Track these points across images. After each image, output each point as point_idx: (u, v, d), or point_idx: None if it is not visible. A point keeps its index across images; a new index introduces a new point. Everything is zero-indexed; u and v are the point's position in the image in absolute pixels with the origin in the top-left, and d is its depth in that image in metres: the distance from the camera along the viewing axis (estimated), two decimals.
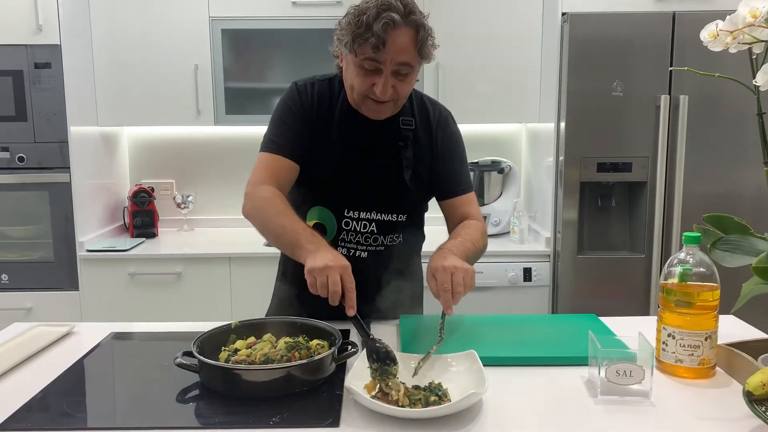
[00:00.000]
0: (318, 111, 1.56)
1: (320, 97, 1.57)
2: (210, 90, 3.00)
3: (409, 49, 1.40)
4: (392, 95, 1.45)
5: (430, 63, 1.52)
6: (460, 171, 1.65)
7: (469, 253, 1.50)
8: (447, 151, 1.62)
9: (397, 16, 1.37)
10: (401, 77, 1.44)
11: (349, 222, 1.58)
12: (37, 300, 2.84)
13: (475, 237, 1.56)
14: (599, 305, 2.69)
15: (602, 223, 2.82)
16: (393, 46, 1.38)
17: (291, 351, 1.23)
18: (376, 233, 1.59)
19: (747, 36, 1.08)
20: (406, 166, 1.56)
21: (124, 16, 2.96)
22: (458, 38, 2.98)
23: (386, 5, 1.38)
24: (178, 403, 1.16)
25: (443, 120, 1.63)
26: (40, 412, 1.12)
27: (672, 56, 2.60)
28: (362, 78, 1.44)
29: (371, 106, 1.49)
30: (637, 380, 1.13)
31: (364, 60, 1.41)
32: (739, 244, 1.20)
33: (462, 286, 1.33)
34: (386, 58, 1.40)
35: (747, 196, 2.66)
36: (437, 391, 1.10)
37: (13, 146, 2.77)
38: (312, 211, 1.60)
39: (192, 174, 3.41)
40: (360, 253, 1.60)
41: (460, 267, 1.35)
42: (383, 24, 1.36)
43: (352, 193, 1.56)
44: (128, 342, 1.53)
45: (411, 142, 1.57)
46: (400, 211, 1.60)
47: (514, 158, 3.35)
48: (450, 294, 1.33)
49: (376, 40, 1.37)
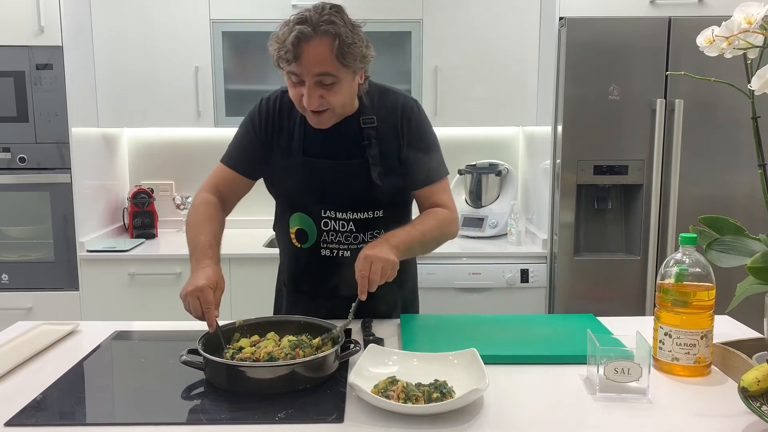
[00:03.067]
0: (279, 123, 1.61)
1: (281, 108, 1.61)
2: (210, 92, 3.02)
3: (325, 59, 1.40)
4: (323, 104, 1.46)
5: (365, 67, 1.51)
6: (430, 159, 1.63)
7: (414, 243, 1.50)
8: (414, 140, 1.60)
9: (308, 28, 1.38)
10: (327, 87, 1.44)
11: (327, 222, 1.61)
12: (38, 300, 2.85)
13: (429, 226, 1.55)
14: (596, 306, 2.71)
15: (599, 225, 2.85)
16: (307, 58, 1.40)
17: (294, 349, 1.25)
18: (356, 231, 1.61)
19: (742, 41, 1.11)
20: (372, 164, 1.56)
21: (126, 18, 2.98)
22: (456, 42, 3.01)
23: (301, 19, 1.41)
24: (184, 400, 1.18)
25: (407, 110, 1.61)
26: (47, 409, 1.14)
27: (668, 61, 2.63)
28: (293, 90, 1.48)
29: (311, 116, 1.50)
30: (634, 378, 1.15)
31: (289, 74, 1.45)
32: (733, 245, 1.23)
33: (378, 275, 1.35)
34: (303, 71, 1.41)
35: (741, 198, 2.69)
36: (442, 388, 1.12)
37: (15, 147, 2.78)
38: (293, 219, 1.64)
39: (191, 175, 3.42)
40: (343, 252, 1.63)
41: (382, 257, 1.36)
42: (294, 37, 1.38)
43: (325, 196, 1.59)
44: (131, 340, 1.55)
45: (375, 140, 1.58)
46: (376, 207, 1.61)
47: (512, 161, 3.37)
48: (366, 281, 1.35)
49: (288, 54, 1.39)
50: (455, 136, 3.33)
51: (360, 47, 1.44)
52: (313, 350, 1.27)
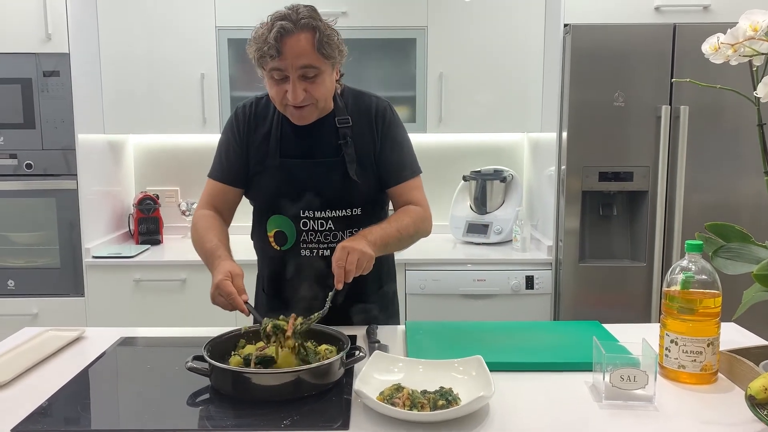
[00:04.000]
0: (255, 128, 1.65)
1: (256, 114, 1.66)
2: (216, 99, 3.03)
3: (307, 52, 1.46)
4: (307, 98, 1.50)
5: (341, 60, 1.55)
6: (402, 158, 1.67)
7: (390, 239, 1.54)
8: (388, 140, 1.65)
9: (289, 23, 1.45)
10: (310, 80, 1.49)
11: (306, 222, 1.63)
12: (43, 306, 2.86)
13: (405, 223, 1.59)
14: (601, 313, 2.70)
15: (604, 231, 2.84)
16: (290, 51, 1.44)
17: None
18: (335, 230, 1.64)
19: (747, 49, 1.11)
20: (349, 162, 1.60)
21: (132, 25, 3.00)
22: (461, 49, 3.02)
23: (279, 16, 1.47)
24: (189, 407, 1.18)
25: (381, 112, 1.65)
26: (53, 416, 1.14)
27: (673, 67, 2.63)
28: (275, 88, 1.51)
29: (293, 112, 1.54)
30: (640, 385, 1.15)
31: (271, 71, 1.48)
32: (740, 252, 1.22)
33: (353, 266, 1.39)
34: (287, 65, 1.46)
35: (747, 205, 2.68)
36: (448, 396, 1.12)
37: (21, 153, 2.80)
38: (271, 221, 1.67)
39: (197, 182, 3.42)
40: (323, 251, 1.64)
41: (359, 249, 1.41)
42: (275, 32, 1.43)
43: (302, 195, 1.61)
44: (137, 347, 1.55)
45: (350, 139, 1.61)
46: (353, 205, 1.64)
47: (517, 167, 3.37)
48: (342, 270, 1.39)
49: (271, 50, 1.44)
50: (460, 143, 3.34)
51: (337, 40, 1.51)
52: (314, 354, 1.27)
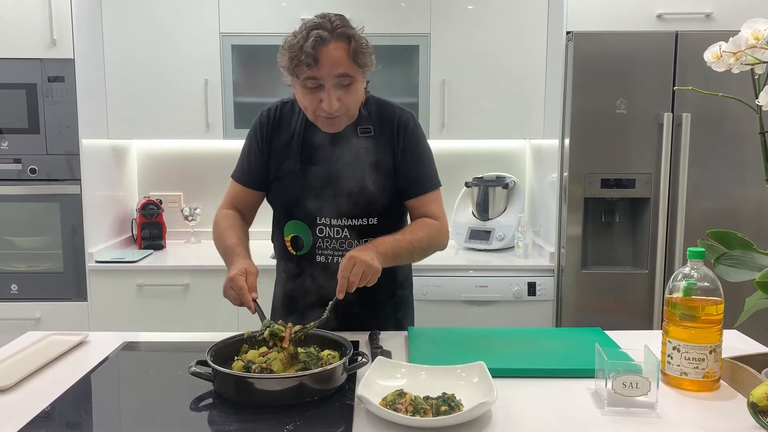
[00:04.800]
0: (279, 131, 1.66)
1: (281, 118, 1.67)
2: (219, 104, 3.05)
3: (343, 61, 1.46)
4: (341, 107, 1.51)
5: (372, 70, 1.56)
6: (423, 170, 1.67)
7: (401, 251, 1.54)
8: (408, 153, 1.64)
9: (325, 32, 1.45)
10: (344, 89, 1.50)
11: (322, 229, 1.64)
12: (46, 310, 2.86)
13: (418, 236, 1.59)
14: (603, 320, 2.70)
15: (606, 238, 2.84)
16: (327, 60, 1.45)
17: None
18: (350, 238, 1.64)
19: (749, 57, 1.12)
20: (368, 172, 1.60)
21: (136, 31, 3.01)
22: (464, 55, 3.03)
23: (314, 25, 1.46)
24: (192, 411, 1.18)
25: (403, 123, 1.65)
26: (56, 420, 1.14)
27: (675, 75, 2.63)
28: (309, 97, 1.51)
29: (325, 121, 1.55)
30: (643, 392, 1.15)
31: (306, 80, 1.48)
32: (742, 260, 1.23)
33: (357, 278, 1.40)
34: (323, 74, 1.46)
35: (749, 213, 2.68)
36: (450, 402, 1.12)
37: (26, 158, 2.81)
38: (288, 226, 1.68)
39: (200, 187, 3.44)
40: (337, 258, 1.64)
41: (366, 261, 1.41)
42: (312, 42, 1.43)
43: (320, 203, 1.62)
44: (140, 351, 1.55)
45: (371, 149, 1.62)
46: (370, 215, 1.64)
47: (519, 174, 3.38)
48: (345, 280, 1.39)
49: (308, 59, 1.44)
50: (462, 149, 3.35)
51: (369, 51, 1.52)
52: (317, 359, 1.28)
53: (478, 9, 3.02)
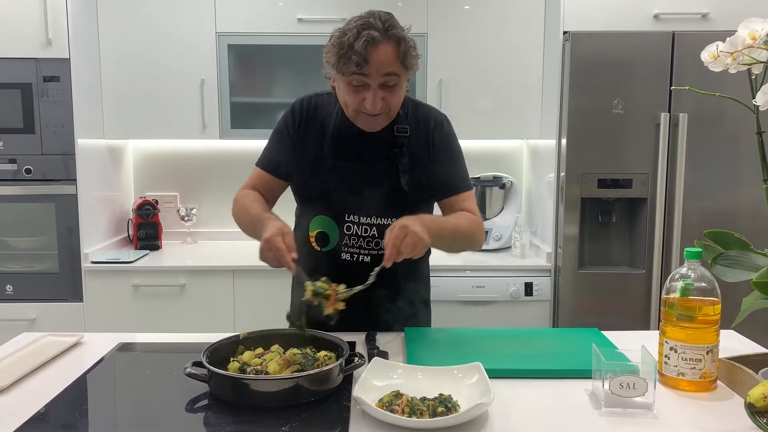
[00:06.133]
0: (313, 123, 1.65)
1: (316, 110, 1.66)
2: (216, 104, 3.04)
3: (392, 62, 1.46)
4: (383, 107, 1.51)
5: (416, 72, 1.57)
6: (457, 172, 1.68)
7: (444, 232, 1.54)
8: (443, 153, 1.66)
9: (377, 33, 1.44)
10: (389, 89, 1.50)
11: (350, 226, 1.63)
12: (42, 311, 2.85)
13: (461, 222, 1.60)
14: (600, 320, 2.70)
15: (603, 238, 2.84)
16: (376, 60, 1.45)
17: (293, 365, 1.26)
18: (377, 237, 1.63)
19: (746, 57, 1.12)
20: (402, 171, 1.60)
21: (132, 30, 3.00)
22: (461, 55, 3.03)
23: (366, 24, 1.45)
24: (188, 413, 1.18)
25: (438, 124, 1.67)
26: (51, 422, 1.14)
27: (672, 75, 2.64)
28: (353, 95, 1.51)
29: (365, 119, 1.55)
30: (640, 393, 1.15)
31: (352, 77, 1.48)
32: (739, 260, 1.23)
33: (408, 248, 1.38)
34: (371, 73, 1.46)
35: (746, 213, 2.68)
36: (447, 403, 1.12)
37: (21, 158, 2.80)
38: (314, 221, 1.66)
39: (196, 187, 3.43)
40: (363, 257, 1.64)
41: (416, 232, 1.39)
42: (364, 42, 1.43)
43: (351, 200, 1.62)
44: (135, 352, 1.55)
45: (406, 149, 1.62)
46: (399, 215, 1.60)
47: (516, 174, 3.38)
48: (396, 250, 1.37)
49: (358, 58, 1.43)
50: None
51: (416, 52, 1.52)
52: (313, 360, 1.27)
53: (475, 9, 3.01)
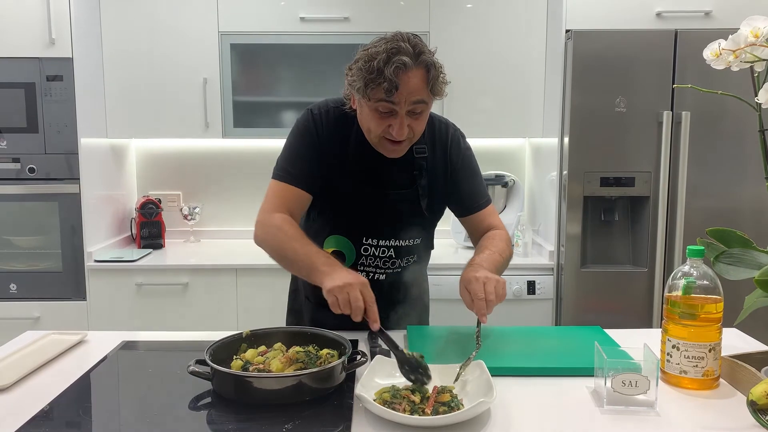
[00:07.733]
0: (332, 139, 1.56)
1: (335, 124, 1.56)
2: (218, 103, 3.04)
3: (420, 89, 1.41)
4: (408, 134, 1.46)
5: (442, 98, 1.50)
6: (478, 187, 1.67)
7: (498, 265, 1.54)
8: (462, 169, 1.63)
9: (408, 58, 1.37)
10: (416, 116, 1.45)
11: (368, 248, 1.61)
12: (45, 309, 2.86)
13: (502, 247, 1.59)
14: (602, 318, 2.70)
15: (605, 237, 2.84)
16: (405, 88, 1.38)
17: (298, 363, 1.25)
18: (394, 257, 1.62)
19: (749, 55, 1.11)
20: (422, 195, 1.58)
21: (135, 30, 3.01)
22: (463, 54, 3.03)
23: (396, 49, 1.38)
24: (191, 411, 1.18)
25: (455, 142, 1.64)
26: (55, 420, 1.14)
27: (674, 73, 2.63)
28: (378, 121, 1.44)
29: (388, 146, 1.49)
30: (642, 390, 1.15)
31: (378, 103, 1.41)
32: (741, 258, 1.22)
33: (494, 295, 1.37)
34: (400, 100, 1.40)
35: (748, 211, 2.68)
36: (450, 402, 1.12)
37: (24, 157, 2.81)
38: (329, 240, 1.62)
39: (199, 186, 3.44)
40: (378, 275, 1.63)
41: (492, 278, 1.39)
42: (395, 68, 1.36)
43: (370, 223, 1.58)
44: (138, 351, 1.55)
45: (425, 170, 1.59)
46: (417, 236, 1.63)
47: (518, 172, 3.38)
48: (484, 302, 1.36)
49: (389, 85, 1.36)
50: None
51: (444, 77, 1.46)
52: (316, 358, 1.27)
53: (478, 7, 3.01)
